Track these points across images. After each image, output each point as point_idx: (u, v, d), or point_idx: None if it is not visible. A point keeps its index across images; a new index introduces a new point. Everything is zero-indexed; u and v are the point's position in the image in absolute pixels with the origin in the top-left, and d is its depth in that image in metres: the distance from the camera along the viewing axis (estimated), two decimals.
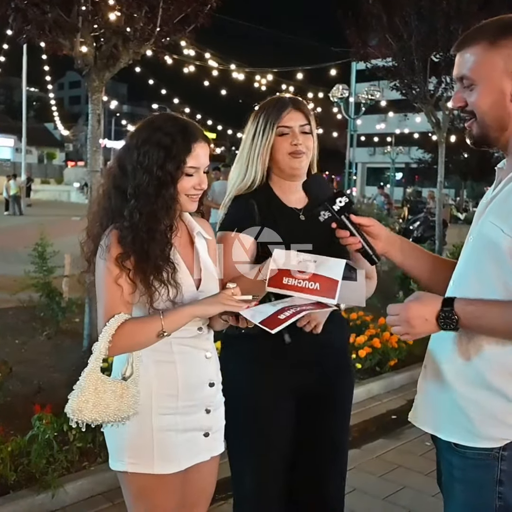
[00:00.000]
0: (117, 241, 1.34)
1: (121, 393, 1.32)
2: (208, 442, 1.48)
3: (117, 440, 1.42)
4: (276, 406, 1.61)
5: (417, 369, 4.74)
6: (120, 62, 3.97)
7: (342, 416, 1.72)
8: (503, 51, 1.11)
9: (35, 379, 3.54)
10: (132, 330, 1.31)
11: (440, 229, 8.41)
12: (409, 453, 3.15)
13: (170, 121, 1.40)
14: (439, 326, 1.12)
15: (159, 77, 16.56)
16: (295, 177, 1.63)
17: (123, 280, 1.33)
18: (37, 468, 2.44)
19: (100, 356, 1.30)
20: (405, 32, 7.36)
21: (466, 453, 1.13)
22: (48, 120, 41.30)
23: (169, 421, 1.40)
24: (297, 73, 13.05)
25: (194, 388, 1.43)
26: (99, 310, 1.36)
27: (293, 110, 1.60)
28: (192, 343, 1.43)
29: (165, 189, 1.35)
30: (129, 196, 1.35)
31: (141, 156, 1.35)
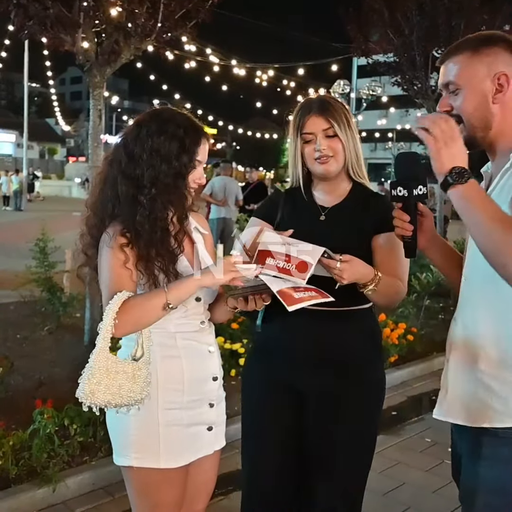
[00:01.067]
0: (121, 232, 1.35)
1: (133, 374, 1.30)
2: (211, 436, 1.49)
3: (122, 435, 1.43)
4: (268, 401, 1.62)
5: (418, 365, 4.74)
6: (121, 58, 3.96)
7: (338, 432, 1.59)
8: (485, 59, 1.22)
9: (36, 374, 3.56)
10: (135, 304, 1.28)
11: (441, 225, 8.39)
12: (409, 450, 3.17)
13: (179, 114, 1.43)
14: None
15: (160, 73, 16.52)
16: (326, 180, 1.65)
17: (130, 264, 1.34)
18: (38, 462, 2.47)
19: (107, 335, 1.26)
20: (406, 28, 7.32)
21: (498, 432, 1.18)
22: (50, 116, 41.22)
23: (174, 415, 1.41)
24: (298, 68, 13.01)
25: (199, 382, 1.44)
26: (104, 293, 1.35)
27: (314, 115, 1.59)
28: (195, 337, 1.44)
29: (181, 180, 1.39)
30: (147, 183, 1.35)
31: (155, 144, 1.37)
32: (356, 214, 1.61)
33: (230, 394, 1.67)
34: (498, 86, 1.20)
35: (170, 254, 1.38)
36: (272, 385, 1.62)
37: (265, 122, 29.15)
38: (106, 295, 1.33)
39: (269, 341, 1.62)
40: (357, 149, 1.64)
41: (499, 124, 1.21)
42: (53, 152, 45.90)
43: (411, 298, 5.34)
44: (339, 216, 1.61)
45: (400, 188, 1.27)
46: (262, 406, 1.63)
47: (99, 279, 1.40)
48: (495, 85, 1.20)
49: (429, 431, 3.39)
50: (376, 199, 1.67)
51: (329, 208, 1.64)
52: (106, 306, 1.29)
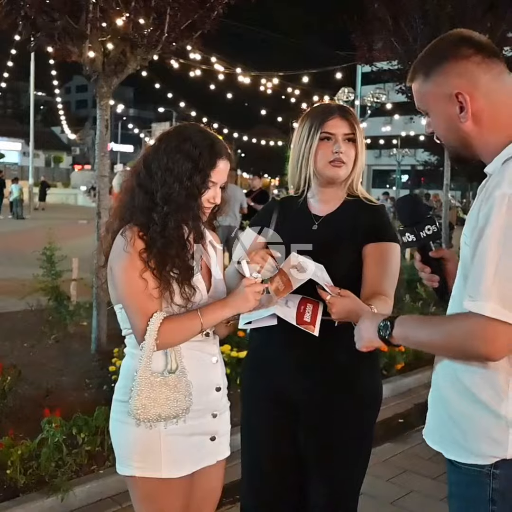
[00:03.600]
0: (138, 236, 1.37)
1: (174, 384, 1.37)
2: (214, 446, 1.50)
3: (125, 445, 1.44)
4: (262, 411, 1.63)
5: (424, 372, 4.72)
6: (128, 68, 4.01)
7: (331, 449, 1.58)
8: (437, 79, 1.14)
9: (43, 383, 3.57)
10: (175, 329, 1.37)
11: (446, 232, 8.38)
12: (416, 457, 3.14)
13: (200, 133, 1.44)
14: (378, 334, 1.19)
15: (165, 81, 16.66)
16: (328, 185, 1.62)
17: (148, 274, 1.36)
18: (47, 471, 2.47)
19: (150, 354, 1.34)
20: (410, 36, 7.36)
21: (462, 469, 1.12)
22: (55, 124, 41.62)
23: (178, 424, 1.42)
24: (303, 76, 13.07)
25: (202, 392, 1.45)
26: (131, 307, 1.37)
27: (339, 117, 1.58)
28: (200, 347, 1.46)
29: (194, 200, 1.40)
30: (160, 201, 1.39)
31: (170, 162, 1.39)
32: (348, 225, 1.60)
33: (236, 403, 1.67)
34: (460, 105, 1.11)
35: (187, 269, 1.40)
36: (265, 396, 1.62)
37: (269, 130, 29.30)
38: (135, 312, 1.37)
39: (261, 349, 1.64)
40: (364, 162, 1.64)
41: (479, 139, 1.12)
42: (58, 160, 46.25)
43: (417, 305, 5.32)
44: (332, 226, 1.61)
45: (407, 234, 1.25)
46: (258, 416, 1.64)
47: (112, 288, 1.43)
48: (457, 104, 1.11)
49: None
50: (369, 210, 1.65)
51: (322, 217, 1.64)
52: (141, 325, 1.34)
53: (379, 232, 1.61)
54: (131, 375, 1.39)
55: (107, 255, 1.45)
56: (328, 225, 1.62)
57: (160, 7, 3.93)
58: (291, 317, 1.38)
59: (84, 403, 3.20)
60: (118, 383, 1.48)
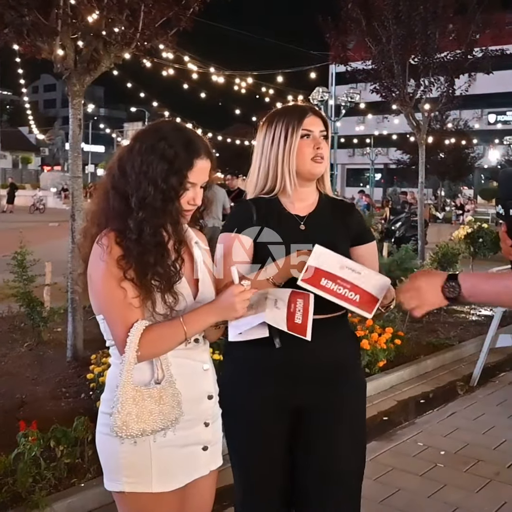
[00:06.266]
0: (116, 242, 1.30)
1: (159, 396, 1.30)
2: (207, 456, 1.44)
3: (112, 459, 1.37)
4: (265, 418, 1.56)
5: (405, 369, 4.74)
6: (101, 66, 3.90)
7: (338, 442, 1.56)
8: None
9: (17, 393, 3.43)
10: (156, 339, 1.30)
11: (422, 229, 8.51)
12: (402, 454, 3.14)
13: (176, 131, 1.35)
14: (444, 295, 1.26)
15: (136, 80, 16.40)
16: (308, 183, 1.61)
17: (126, 283, 1.29)
18: (23, 487, 2.35)
19: (130, 367, 1.28)
20: (383, 36, 7.44)
21: None
22: (23, 124, 40.51)
23: (167, 436, 1.36)
24: (277, 76, 13.08)
25: (193, 401, 1.39)
26: (111, 318, 1.31)
27: (313, 115, 1.59)
28: (189, 355, 1.40)
29: (171, 205, 1.32)
30: (135, 206, 1.30)
31: (144, 165, 1.30)
32: (335, 222, 1.61)
33: None
34: None
35: (168, 277, 1.33)
36: (266, 403, 1.56)
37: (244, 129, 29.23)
38: (115, 323, 1.31)
39: (262, 357, 1.55)
40: None
41: None
42: (27, 161, 45.07)
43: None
44: (319, 224, 1.59)
45: (499, 206, 1.29)
46: (257, 426, 1.57)
47: (93, 297, 1.35)
48: None
49: (421, 435, 3.39)
50: (347, 207, 1.69)
51: (305, 216, 1.60)
52: (122, 337, 1.28)
53: (366, 233, 1.69)
54: (115, 387, 1.31)
55: (86, 261, 1.37)
56: (315, 224, 1.60)
57: (134, 3, 3.83)
58: (282, 321, 1.32)
59: (62, 413, 3.07)
60: (104, 394, 1.41)
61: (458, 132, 24.34)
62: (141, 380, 1.32)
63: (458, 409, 3.81)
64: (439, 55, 7.73)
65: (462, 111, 26.16)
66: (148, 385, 1.31)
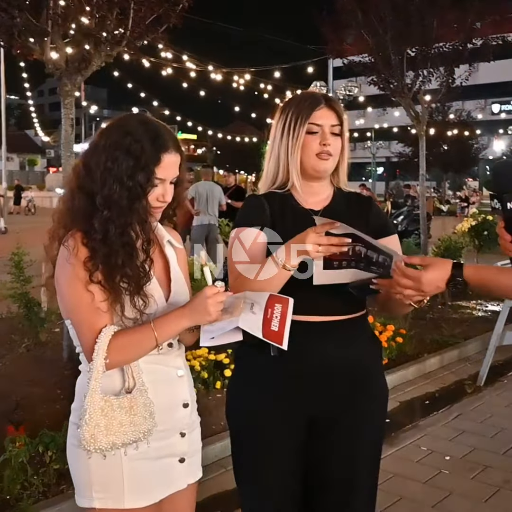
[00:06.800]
0: (82, 243, 1.25)
1: (130, 406, 1.23)
2: (184, 468, 1.36)
3: (83, 473, 1.29)
4: (276, 431, 1.45)
5: (409, 368, 4.60)
6: (92, 65, 3.90)
7: (359, 451, 1.48)
8: None
9: (12, 395, 3.38)
10: (126, 345, 1.24)
11: (424, 222, 8.42)
12: (405, 460, 2.96)
13: (143, 125, 1.29)
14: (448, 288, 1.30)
15: (137, 81, 16.42)
16: (316, 180, 1.51)
17: (93, 286, 1.24)
18: (11, 495, 2.29)
19: (98, 376, 1.21)
20: (380, 28, 7.37)
21: None
22: (29, 127, 40.70)
23: (140, 448, 1.28)
24: (275, 71, 13.00)
25: (167, 410, 1.32)
26: (77, 323, 1.26)
27: (325, 107, 1.47)
28: (161, 360, 1.32)
29: (138, 202, 1.26)
30: (100, 205, 1.25)
31: (109, 161, 1.25)
32: (351, 216, 1.48)
33: (215, 408, 1.59)
34: None
35: (138, 278, 1.27)
36: (277, 417, 1.44)
37: (244, 126, 29.17)
38: (83, 328, 1.25)
39: (271, 364, 1.41)
40: (346, 158, 1.54)
41: None
42: (33, 163, 45.28)
43: None
44: (334, 219, 1.45)
45: (495, 200, 1.20)
46: (268, 442, 1.45)
47: (60, 301, 1.30)
48: None
49: (424, 439, 3.23)
50: (364, 200, 1.59)
51: (320, 211, 1.50)
52: (90, 343, 1.22)
53: (386, 225, 1.59)
54: (84, 396, 1.26)
55: (54, 264, 1.32)
56: (331, 218, 1.45)
57: (124, 2, 3.83)
58: (257, 327, 1.21)
59: (55, 415, 2.99)
60: (73, 404, 1.34)
61: (461, 123, 24.07)
62: (111, 389, 1.26)
63: (464, 410, 3.63)
64: (437, 45, 7.65)
65: (465, 101, 25.92)
66: (118, 395, 1.25)
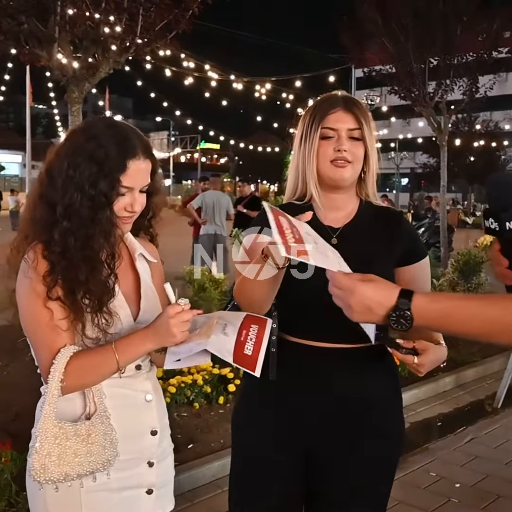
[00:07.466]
0: (43, 256, 1.15)
1: (87, 434, 1.13)
2: (152, 500, 1.25)
3: (38, 504, 1.20)
4: (274, 464, 1.34)
5: (422, 387, 4.33)
6: (100, 72, 3.85)
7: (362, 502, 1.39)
8: None
9: (13, 405, 3.33)
10: (84, 367, 1.14)
11: (445, 235, 8.15)
12: (412, 486, 2.77)
13: (109, 129, 1.19)
14: (389, 322, 0.95)
15: (161, 90, 16.63)
16: (334, 190, 1.36)
17: (52, 302, 1.14)
18: None
19: (53, 400, 1.11)
20: (401, 35, 7.21)
21: None
22: (55, 136, 41.83)
23: (99, 479, 1.17)
24: (296, 81, 12.94)
25: (132, 438, 1.22)
26: (35, 342, 1.16)
27: (342, 110, 1.34)
28: (127, 384, 1.22)
29: (101, 213, 1.16)
30: (60, 216, 1.15)
31: (71, 169, 1.15)
32: (375, 235, 1.35)
33: (216, 424, 1.45)
34: None
35: (101, 295, 1.17)
36: (277, 447, 1.34)
37: (266, 136, 29.23)
38: (41, 349, 1.15)
39: (276, 391, 1.32)
40: (374, 166, 1.37)
41: None
42: None
43: None
44: (355, 239, 1.34)
45: (491, 220, 1.02)
46: (266, 472, 1.34)
47: (20, 317, 1.19)
48: None
49: (434, 464, 3.04)
50: (393, 216, 1.40)
51: (339, 229, 1.36)
52: (48, 365, 1.12)
53: (418, 247, 1.41)
54: None
55: None
56: (350, 238, 1.34)
57: (132, 8, 3.78)
58: (227, 351, 1.10)
59: None
60: (34, 428, 1.21)
61: (488, 133, 23.57)
62: (71, 415, 1.15)
63: (478, 434, 3.43)
64: (461, 54, 7.43)
65: (492, 112, 25.41)
66: (77, 421, 1.14)
